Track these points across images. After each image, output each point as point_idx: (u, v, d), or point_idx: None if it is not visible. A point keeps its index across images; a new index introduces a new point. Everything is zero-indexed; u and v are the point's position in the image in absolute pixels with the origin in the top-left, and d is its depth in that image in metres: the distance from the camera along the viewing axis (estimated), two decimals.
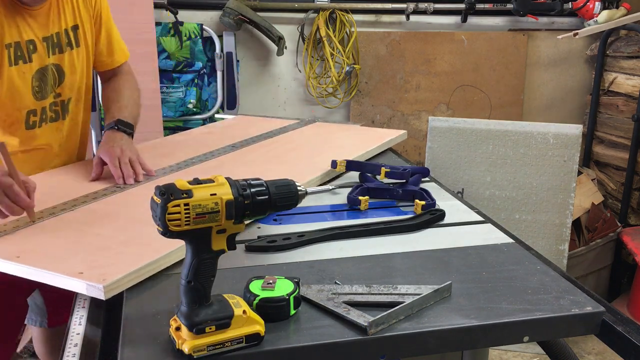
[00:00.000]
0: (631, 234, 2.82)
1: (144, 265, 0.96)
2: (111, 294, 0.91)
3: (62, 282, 0.93)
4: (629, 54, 3.04)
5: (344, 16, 3.10)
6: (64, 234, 1.09)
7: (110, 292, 0.90)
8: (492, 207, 2.42)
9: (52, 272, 0.94)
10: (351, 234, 1.16)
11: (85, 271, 0.93)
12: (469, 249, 1.10)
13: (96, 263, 0.96)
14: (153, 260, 0.98)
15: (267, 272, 1.00)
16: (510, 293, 0.94)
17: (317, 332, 0.83)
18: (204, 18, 3.02)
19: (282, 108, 3.29)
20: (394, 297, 0.90)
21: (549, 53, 3.43)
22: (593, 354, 2.63)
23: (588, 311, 0.90)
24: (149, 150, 1.66)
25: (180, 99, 2.84)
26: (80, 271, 0.93)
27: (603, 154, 3.25)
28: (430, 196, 1.33)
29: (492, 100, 3.37)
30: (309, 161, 1.55)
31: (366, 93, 3.27)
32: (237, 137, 1.81)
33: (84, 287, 0.90)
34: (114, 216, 1.17)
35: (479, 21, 3.34)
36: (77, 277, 0.91)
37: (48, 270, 0.94)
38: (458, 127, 2.44)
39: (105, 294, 0.89)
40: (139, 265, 0.95)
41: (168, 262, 1.00)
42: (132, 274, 0.94)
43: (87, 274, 0.92)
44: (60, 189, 1.33)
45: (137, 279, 0.95)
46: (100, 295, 0.89)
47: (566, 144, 2.36)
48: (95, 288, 0.90)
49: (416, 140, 3.34)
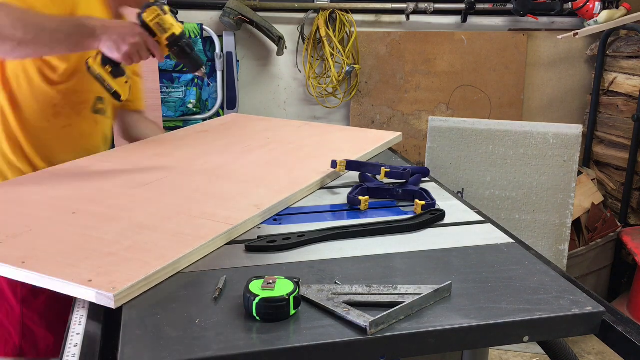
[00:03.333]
0: (631, 234, 2.82)
1: (152, 272, 0.95)
2: (121, 303, 0.89)
3: (71, 290, 0.91)
4: (629, 54, 3.04)
5: (344, 16, 3.10)
6: (67, 238, 1.07)
7: (120, 301, 0.89)
8: (492, 207, 2.42)
9: (61, 279, 0.92)
10: (351, 234, 1.16)
11: (94, 278, 0.92)
12: (469, 249, 1.10)
13: (104, 270, 0.95)
14: (162, 267, 0.97)
15: (267, 272, 1.00)
16: (510, 293, 0.94)
17: (317, 332, 0.83)
18: (204, 18, 3.02)
19: (282, 108, 3.29)
20: (394, 297, 0.90)
21: (549, 53, 3.43)
22: (593, 354, 2.63)
23: (588, 311, 0.90)
24: (144, 150, 1.66)
25: (180, 99, 2.84)
26: (89, 279, 0.92)
27: (603, 154, 3.25)
28: (430, 196, 1.33)
29: (492, 100, 3.37)
30: (306, 163, 1.55)
31: (366, 93, 3.27)
32: (233, 137, 1.81)
33: (94, 295, 0.89)
34: (117, 220, 1.15)
35: (479, 21, 3.34)
36: (87, 285, 0.90)
37: (56, 278, 0.93)
38: (458, 127, 2.44)
39: (116, 302, 0.88)
40: (147, 272, 0.94)
41: (177, 269, 1.00)
42: (141, 282, 0.93)
43: (96, 282, 0.91)
44: (56, 192, 1.32)
45: (146, 286, 0.94)
46: (110, 304, 0.88)
47: (566, 144, 2.36)
48: (105, 297, 0.88)
49: (416, 140, 3.34)
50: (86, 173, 1.45)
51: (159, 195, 1.30)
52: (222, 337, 0.82)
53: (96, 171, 1.46)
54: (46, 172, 1.47)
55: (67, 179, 1.41)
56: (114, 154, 1.64)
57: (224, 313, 0.87)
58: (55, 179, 1.41)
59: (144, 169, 1.48)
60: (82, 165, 1.52)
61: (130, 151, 1.65)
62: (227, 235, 1.12)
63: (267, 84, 3.24)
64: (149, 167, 1.49)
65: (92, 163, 1.53)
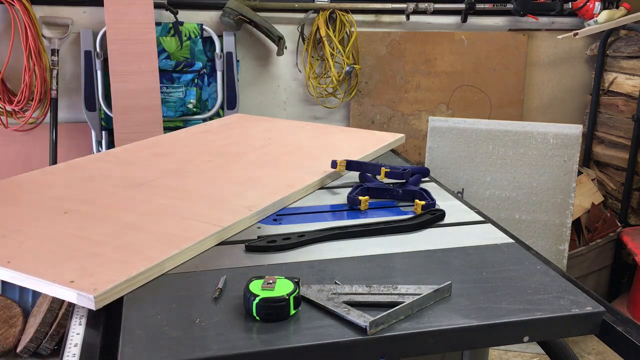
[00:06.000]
0: (631, 234, 2.82)
1: (135, 274, 0.94)
2: (102, 304, 0.88)
3: (53, 290, 0.91)
4: (629, 54, 3.04)
5: (344, 16, 3.10)
6: (55, 238, 1.07)
7: (101, 302, 0.88)
8: (492, 207, 2.42)
9: (43, 279, 0.92)
10: (351, 234, 1.16)
11: (77, 279, 0.91)
12: (469, 249, 1.10)
13: (87, 271, 0.94)
14: (145, 269, 0.96)
15: (267, 272, 1.00)
16: (510, 293, 0.94)
17: (317, 332, 0.83)
18: (204, 18, 3.01)
19: (282, 108, 3.29)
20: (394, 297, 0.90)
21: (549, 53, 3.43)
22: (593, 354, 2.63)
23: (588, 311, 0.90)
24: (143, 150, 1.65)
25: (180, 99, 2.84)
26: (72, 279, 0.91)
27: (603, 154, 3.25)
28: (430, 196, 1.33)
29: (492, 100, 3.37)
30: (307, 165, 1.55)
31: (366, 93, 3.27)
32: (234, 137, 1.81)
33: (75, 296, 0.88)
34: (107, 221, 1.15)
35: (479, 21, 3.34)
36: (68, 285, 0.89)
37: (39, 278, 0.92)
38: (458, 127, 2.44)
39: (96, 304, 0.87)
40: (130, 274, 0.93)
41: (161, 271, 0.99)
42: (123, 284, 0.92)
43: (77, 283, 0.90)
44: (50, 191, 1.31)
45: (129, 287, 0.93)
46: (91, 306, 0.87)
47: (566, 144, 2.36)
48: (85, 298, 0.87)
49: (416, 140, 3.34)
50: (82, 173, 1.45)
51: (152, 196, 1.29)
52: (222, 337, 0.82)
53: (92, 171, 1.46)
54: (41, 171, 1.46)
55: (61, 179, 1.41)
56: (111, 153, 1.64)
57: (224, 313, 0.87)
58: (50, 179, 1.40)
59: (141, 170, 1.47)
60: (79, 165, 1.52)
61: (129, 151, 1.64)
62: (218, 236, 1.11)
63: (267, 84, 3.24)
64: (146, 167, 1.49)
65: (89, 163, 1.52)
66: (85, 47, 2.76)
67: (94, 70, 2.78)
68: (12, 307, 2.59)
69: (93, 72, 2.78)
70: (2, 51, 2.76)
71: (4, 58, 2.70)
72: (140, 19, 2.59)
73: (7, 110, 2.75)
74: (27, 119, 2.75)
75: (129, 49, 2.61)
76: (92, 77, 2.78)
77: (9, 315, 2.56)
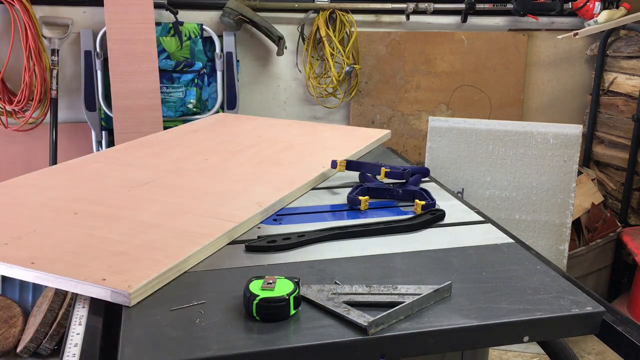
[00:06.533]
0: (631, 234, 2.82)
1: (165, 270, 0.95)
2: (136, 301, 0.89)
3: (85, 289, 0.91)
4: (629, 54, 3.04)
5: (344, 16, 3.10)
6: (73, 239, 1.07)
7: (136, 299, 0.89)
8: (492, 207, 2.42)
9: (74, 279, 0.92)
10: (351, 234, 1.16)
11: (108, 277, 0.92)
12: (469, 249, 1.10)
13: (115, 269, 0.95)
14: (174, 264, 0.97)
15: (267, 272, 1.00)
16: (510, 293, 0.94)
17: (317, 332, 0.83)
18: (204, 18, 3.01)
19: (282, 108, 3.29)
20: (394, 297, 0.90)
21: (549, 53, 3.43)
22: (593, 354, 2.63)
23: (588, 311, 0.90)
24: (137, 150, 1.65)
25: (180, 99, 2.84)
26: (103, 277, 0.92)
27: (603, 154, 3.25)
28: (430, 196, 1.33)
29: (492, 100, 3.37)
30: (306, 161, 1.55)
31: (366, 93, 3.27)
32: (224, 136, 1.81)
33: (109, 294, 0.89)
34: (120, 220, 1.15)
35: (479, 21, 3.34)
36: (101, 283, 0.90)
37: (69, 277, 0.92)
38: (458, 127, 2.44)
39: (132, 300, 0.88)
40: (160, 270, 0.95)
41: (187, 266, 1.00)
42: (155, 280, 0.93)
43: (110, 280, 0.91)
44: (53, 192, 1.31)
45: (159, 284, 0.94)
46: (127, 302, 0.88)
47: (566, 144, 2.36)
48: (121, 295, 0.88)
49: (416, 140, 3.34)
50: (81, 173, 1.44)
51: (158, 195, 1.30)
52: (222, 337, 0.82)
53: (91, 171, 1.46)
54: (41, 172, 1.46)
55: (62, 179, 1.40)
56: (105, 154, 1.64)
57: (224, 313, 0.87)
58: (52, 179, 1.40)
59: (140, 169, 1.47)
60: (76, 165, 1.51)
61: (122, 151, 1.65)
62: (232, 232, 1.13)
63: (267, 84, 3.24)
64: (144, 167, 1.49)
65: (86, 163, 1.52)
66: (85, 47, 2.76)
67: (94, 70, 2.78)
68: (12, 307, 2.59)
69: (93, 72, 2.78)
70: (2, 51, 2.76)
71: (4, 58, 2.70)
72: (140, 19, 2.59)
73: (7, 110, 2.75)
74: (27, 119, 2.75)
75: (129, 49, 2.61)
76: (92, 77, 2.78)
77: (9, 315, 2.56)
